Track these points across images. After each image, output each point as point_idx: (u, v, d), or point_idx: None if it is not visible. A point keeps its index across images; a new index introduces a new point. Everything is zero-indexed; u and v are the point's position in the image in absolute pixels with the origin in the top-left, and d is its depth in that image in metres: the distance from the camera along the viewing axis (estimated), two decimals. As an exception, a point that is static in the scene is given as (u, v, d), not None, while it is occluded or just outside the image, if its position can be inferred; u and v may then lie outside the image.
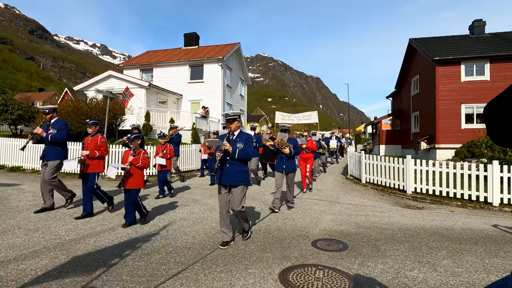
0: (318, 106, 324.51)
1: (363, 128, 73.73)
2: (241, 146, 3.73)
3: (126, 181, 4.50)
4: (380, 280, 2.90)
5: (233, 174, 3.73)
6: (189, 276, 2.93)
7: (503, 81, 14.13)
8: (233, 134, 3.89)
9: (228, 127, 3.93)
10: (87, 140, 5.21)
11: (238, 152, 3.69)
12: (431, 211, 6.15)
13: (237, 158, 3.68)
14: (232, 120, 3.89)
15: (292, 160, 5.86)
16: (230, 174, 3.73)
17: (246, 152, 3.75)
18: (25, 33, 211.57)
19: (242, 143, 3.76)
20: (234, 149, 3.69)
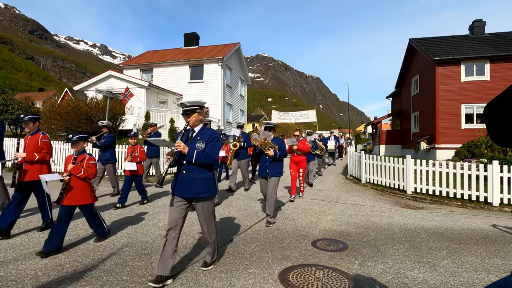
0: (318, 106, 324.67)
1: (363, 128, 73.74)
2: (201, 146, 2.90)
3: (65, 195, 3.52)
4: (380, 280, 2.90)
5: (192, 184, 2.87)
6: (189, 276, 2.93)
7: (503, 81, 14.13)
8: (192, 131, 3.05)
9: (185, 121, 3.02)
10: (25, 139, 4.29)
11: (197, 154, 2.82)
12: (431, 211, 6.15)
13: (195, 162, 2.81)
14: (189, 112, 2.96)
15: (278, 164, 4.91)
16: (187, 183, 2.87)
17: (208, 154, 2.87)
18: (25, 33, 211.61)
19: (204, 143, 2.92)
20: (191, 150, 2.84)
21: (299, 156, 6.86)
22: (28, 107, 16.53)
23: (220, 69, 19.84)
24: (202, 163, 2.87)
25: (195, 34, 24.77)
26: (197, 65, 20.41)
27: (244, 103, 26.08)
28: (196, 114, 2.99)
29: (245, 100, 26.27)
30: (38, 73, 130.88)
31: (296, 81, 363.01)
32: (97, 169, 3.85)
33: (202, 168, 2.91)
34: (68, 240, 3.88)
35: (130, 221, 4.84)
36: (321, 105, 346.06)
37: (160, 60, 21.23)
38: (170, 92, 19.42)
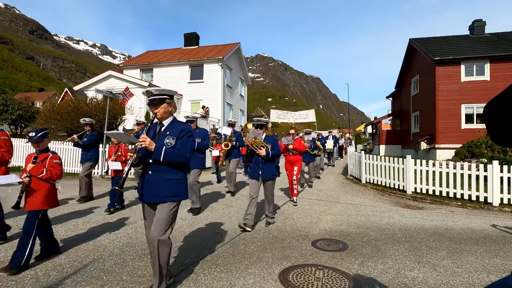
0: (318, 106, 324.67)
1: (363, 128, 73.75)
2: (171, 142, 2.47)
3: (26, 199, 3.20)
4: (380, 280, 2.90)
5: (160, 186, 2.47)
6: (189, 276, 2.93)
7: (503, 81, 14.13)
8: (161, 125, 2.61)
9: (152, 112, 2.56)
10: None
11: (166, 151, 2.40)
12: (431, 211, 6.15)
13: (163, 160, 2.39)
14: (157, 102, 2.51)
15: (270, 164, 4.57)
16: (154, 186, 2.48)
17: (179, 151, 2.46)
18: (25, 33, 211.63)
19: (174, 138, 2.49)
20: (159, 146, 2.41)
21: (294, 155, 6.54)
22: (28, 107, 16.53)
23: (220, 69, 19.84)
24: (171, 162, 2.45)
25: (195, 34, 24.77)
26: (197, 65, 20.42)
27: (244, 103, 26.08)
28: (165, 105, 2.54)
29: (245, 100, 26.27)
30: (38, 73, 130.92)
31: (296, 81, 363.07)
32: (62, 169, 3.38)
33: (172, 167, 2.50)
34: (68, 240, 3.88)
35: (130, 221, 4.84)
36: (321, 105, 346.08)
37: (160, 60, 21.23)
38: (170, 92, 19.41)
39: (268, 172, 4.55)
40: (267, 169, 4.54)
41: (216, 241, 3.95)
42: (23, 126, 16.48)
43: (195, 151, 5.47)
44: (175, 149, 2.47)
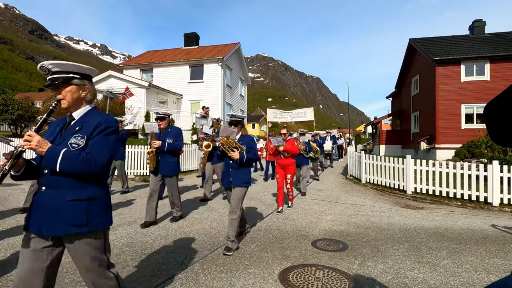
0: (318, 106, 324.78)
1: (363, 128, 73.75)
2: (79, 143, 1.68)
3: None
4: (380, 280, 2.90)
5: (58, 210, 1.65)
6: (189, 276, 2.93)
7: (503, 81, 14.13)
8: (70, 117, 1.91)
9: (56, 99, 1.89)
10: None
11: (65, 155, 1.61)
12: (431, 211, 6.15)
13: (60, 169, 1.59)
14: (60, 83, 1.80)
15: (245, 170, 3.81)
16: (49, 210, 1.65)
17: (89, 156, 1.65)
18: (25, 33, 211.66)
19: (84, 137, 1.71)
20: (55, 150, 1.68)
21: (286, 159, 5.82)
22: (28, 107, 16.53)
23: (220, 69, 19.84)
24: (75, 172, 1.62)
25: (195, 34, 24.78)
26: (197, 65, 20.42)
27: (244, 103, 26.08)
28: (73, 88, 1.78)
29: (245, 100, 26.27)
30: (38, 73, 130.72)
31: (296, 81, 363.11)
32: None
33: (78, 181, 1.66)
34: (68, 240, 3.88)
35: (130, 221, 4.84)
36: (321, 105, 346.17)
37: (160, 60, 21.23)
38: (170, 92, 19.42)
39: (239, 178, 3.75)
40: (239, 175, 3.75)
41: (216, 241, 3.95)
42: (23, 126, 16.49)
43: (166, 153, 4.64)
44: (82, 153, 1.63)
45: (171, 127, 4.86)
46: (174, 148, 4.68)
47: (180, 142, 4.78)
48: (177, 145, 4.72)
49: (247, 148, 3.80)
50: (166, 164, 4.67)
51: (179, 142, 4.77)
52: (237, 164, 3.75)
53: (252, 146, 3.88)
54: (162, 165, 4.65)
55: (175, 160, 4.79)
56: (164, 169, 4.67)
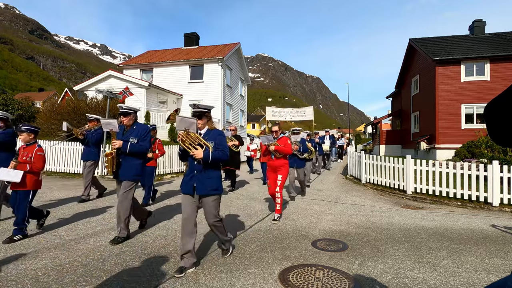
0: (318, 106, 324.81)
1: (363, 128, 73.76)
2: None
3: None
4: (380, 280, 2.90)
5: None
6: (189, 276, 2.93)
7: (503, 81, 14.13)
8: None
9: None
10: None
11: None
12: (431, 211, 6.16)
13: None
14: None
15: (212, 173, 3.12)
16: None
17: None
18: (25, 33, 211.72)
19: None
20: None
21: (278, 159, 5.11)
22: (28, 107, 16.54)
23: (220, 69, 19.84)
24: None
25: (195, 34, 24.78)
26: (197, 65, 20.41)
27: (244, 103, 26.08)
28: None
29: (245, 100, 26.26)
30: (38, 73, 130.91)
31: (296, 81, 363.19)
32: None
33: None
34: (68, 240, 3.88)
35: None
36: (321, 105, 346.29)
37: (160, 60, 21.23)
38: (170, 92, 19.42)
39: (207, 184, 3.06)
40: (206, 180, 3.06)
41: (216, 241, 3.95)
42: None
43: (128, 155, 3.92)
44: None
45: (137, 125, 4.10)
46: (138, 149, 3.93)
47: (146, 143, 4.03)
48: (142, 146, 3.96)
49: (215, 145, 3.10)
50: (128, 168, 3.92)
51: (145, 143, 4.02)
52: (201, 166, 3.07)
53: (221, 142, 3.16)
54: (123, 168, 3.91)
55: (139, 163, 4.03)
56: (125, 173, 3.90)
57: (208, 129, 3.26)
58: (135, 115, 4.12)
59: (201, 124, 3.19)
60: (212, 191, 3.09)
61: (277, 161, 5.13)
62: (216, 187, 3.12)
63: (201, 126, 3.20)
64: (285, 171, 5.14)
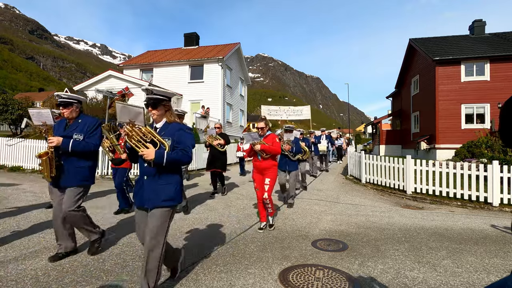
0: (318, 106, 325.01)
1: (363, 128, 73.79)
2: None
3: None
4: (380, 280, 2.90)
5: None
6: (189, 276, 2.93)
7: (503, 81, 14.14)
8: None
9: None
10: None
11: None
12: (431, 211, 6.16)
13: None
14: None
15: (168, 178, 2.45)
16: None
17: None
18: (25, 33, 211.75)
19: None
20: None
21: (265, 160, 4.46)
22: (28, 107, 16.53)
23: (220, 69, 19.85)
24: None
25: (195, 34, 24.80)
26: (197, 65, 20.43)
27: (244, 103, 26.09)
28: None
29: (245, 100, 26.28)
30: (38, 73, 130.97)
31: (296, 81, 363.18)
32: None
33: None
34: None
35: (130, 221, 4.84)
36: (321, 105, 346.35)
37: (160, 60, 21.24)
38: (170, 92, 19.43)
39: (160, 192, 2.39)
40: (159, 186, 2.40)
41: (216, 241, 3.95)
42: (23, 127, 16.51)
43: (71, 155, 3.15)
44: None
45: (83, 118, 3.31)
46: (83, 148, 3.15)
47: (94, 140, 3.25)
48: (88, 144, 3.18)
49: (173, 142, 2.43)
50: (72, 172, 3.15)
51: (92, 140, 3.24)
52: (154, 168, 2.39)
53: (181, 140, 2.46)
54: (66, 173, 3.13)
55: (86, 165, 3.25)
56: (69, 179, 3.13)
57: (166, 122, 2.55)
58: (79, 105, 3.31)
59: (157, 115, 2.51)
60: (165, 202, 2.37)
61: (264, 162, 4.47)
62: (172, 197, 2.41)
63: (157, 118, 2.53)
64: (273, 173, 4.49)
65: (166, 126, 2.52)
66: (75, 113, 3.27)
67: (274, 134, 4.62)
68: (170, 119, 2.56)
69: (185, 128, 2.55)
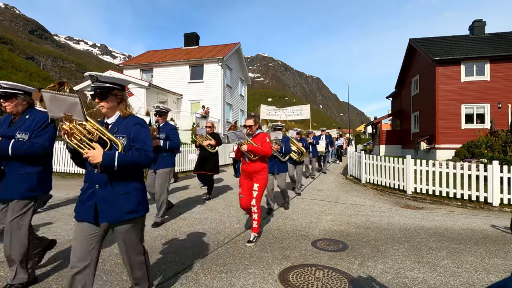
0: (318, 106, 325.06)
1: (363, 128, 73.79)
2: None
3: None
4: (380, 280, 2.90)
5: None
6: (189, 276, 2.93)
7: (503, 81, 14.15)
8: None
9: None
10: None
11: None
12: (431, 211, 6.16)
13: None
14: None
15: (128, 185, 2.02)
16: None
17: None
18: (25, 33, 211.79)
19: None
20: None
21: (253, 163, 3.98)
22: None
23: (220, 69, 19.85)
24: None
25: (195, 34, 24.80)
26: (197, 65, 20.43)
27: (244, 103, 26.09)
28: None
29: (245, 100, 26.28)
30: (38, 73, 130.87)
31: (296, 81, 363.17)
32: None
33: None
34: (68, 240, 3.88)
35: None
36: (321, 105, 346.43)
37: (160, 60, 21.24)
38: (170, 92, 19.43)
39: (118, 204, 1.97)
40: (114, 197, 1.97)
41: (216, 241, 3.95)
42: None
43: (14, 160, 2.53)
44: None
45: (32, 113, 2.66)
46: (28, 150, 2.49)
47: (41, 140, 2.56)
48: (34, 145, 2.51)
49: (128, 141, 2.01)
50: (16, 180, 2.50)
51: (40, 140, 2.56)
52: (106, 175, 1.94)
53: (140, 137, 2.02)
54: (7, 181, 2.50)
55: (34, 171, 2.57)
56: (11, 188, 2.48)
57: (121, 116, 2.10)
58: (26, 97, 2.66)
59: (107, 108, 2.06)
60: (128, 215, 1.97)
61: (252, 165, 4.00)
62: (134, 208, 2.00)
63: (107, 111, 2.08)
64: (263, 178, 4.02)
65: (120, 121, 2.08)
66: (21, 107, 2.61)
67: (264, 133, 4.20)
68: (125, 113, 2.11)
69: (142, 123, 2.11)
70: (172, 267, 3.12)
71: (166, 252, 3.53)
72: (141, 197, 2.09)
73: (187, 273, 2.98)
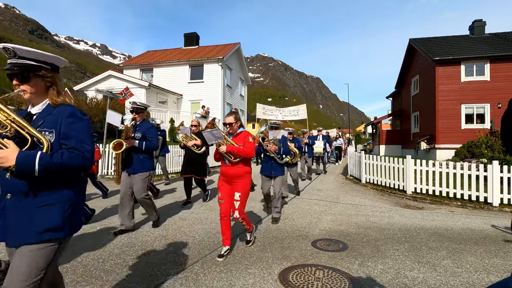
0: (318, 106, 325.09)
1: (363, 128, 73.79)
2: None
3: None
4: (380, 280, 2.90)
5: None
6: (189, 276, 2.93)
7: (503, 81, 14.15)
8: None
9: None
10: None
11: None
12: (431, 211, 6.15)
13: None
14: None
15: (51, 196, 1.49)
16: None
17: None
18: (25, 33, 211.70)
19: None
20: None
21: (234, 166, 3.47)
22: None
23: (220, 69, 19.85)
24: None
25: (195, 34, 24.80)
26: (197, 65, 20.43)
27: (244, 103, 26.09)
28: None
29: (245, 100, 26.28)
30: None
31: (296, 81, 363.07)
32: None
33: None
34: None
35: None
36: (321, 105, 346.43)
37: (160, 60, 21.24)
38: (170, 92, 19.43)
39: (34, 220, 1.47)
40: (32, 210, 1.47)
41: (216, 241, 3.95)
42: None
43: None
44: None
45: None
46: None
47: None
48: None
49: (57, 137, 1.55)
50: None
51: None
52: (24, 182, 1.45)
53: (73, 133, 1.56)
54: None
55: None
56: None
57: (50, 105, 1.61)
58: None
59: (30, 93, 1.58)
60: (44, 234, 1.46)
61: (233, 169, 3.45)
62: (57, 225, 1.50)
63: (31, 97, 1.59)
64: (245, 184, 3.49)
65: (48, 111, 1.58)
66: None
67: (247, 132, 3.63)
68: (55, 101, 1.60)
69: (77, 115, 1.59)
70: (172, 267, 3.12)
71: (166, 252, 3.53)
72: (70, 211, 1.55)
73: (187, 273, 2.98)
